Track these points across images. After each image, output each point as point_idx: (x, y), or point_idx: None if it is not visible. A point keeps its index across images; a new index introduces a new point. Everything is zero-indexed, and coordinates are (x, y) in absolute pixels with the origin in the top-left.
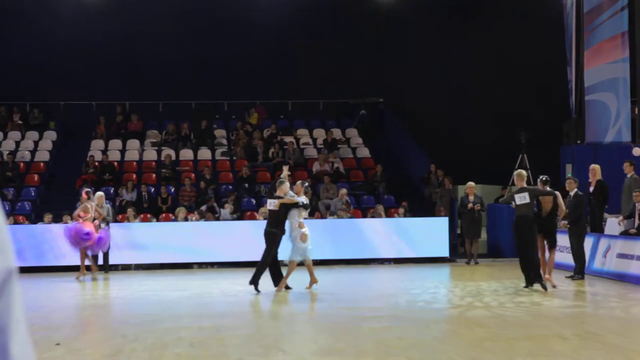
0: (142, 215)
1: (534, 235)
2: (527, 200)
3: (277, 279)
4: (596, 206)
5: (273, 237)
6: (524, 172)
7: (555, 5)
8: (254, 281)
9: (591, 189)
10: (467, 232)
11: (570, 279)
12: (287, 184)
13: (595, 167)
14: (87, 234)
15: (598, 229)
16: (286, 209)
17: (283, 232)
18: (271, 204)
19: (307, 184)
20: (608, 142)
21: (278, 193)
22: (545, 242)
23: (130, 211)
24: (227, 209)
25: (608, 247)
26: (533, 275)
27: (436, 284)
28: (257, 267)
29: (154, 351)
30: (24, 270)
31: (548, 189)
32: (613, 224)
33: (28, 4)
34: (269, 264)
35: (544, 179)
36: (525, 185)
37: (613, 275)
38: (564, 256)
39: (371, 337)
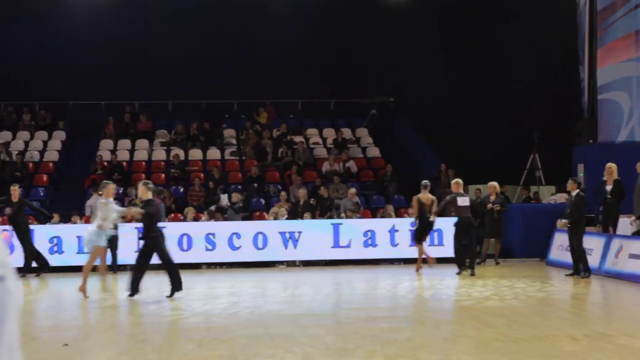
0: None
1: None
2: (468, 203)
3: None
4: (613, 205)
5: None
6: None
7: (568, 3)
8: (175, 289)
9: (608, 187)
10: (487, 231)
11: (580, 277)
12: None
13: (612, 166)
14: None
15: (615, 229)
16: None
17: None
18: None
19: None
20: (621, 141)
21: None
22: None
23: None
24: (229, 198)
25: (620, 247)
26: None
27: (446, 284)
28: (170, 275)
29: (162, 352)
30: (32, 270)
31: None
32: (625, 224)
33: (37, 4)
34: (165, 267)
35: (424, 183)
36: (462, 191)
37: (625, 276)
38: (566, 255)
39: (380, 337)
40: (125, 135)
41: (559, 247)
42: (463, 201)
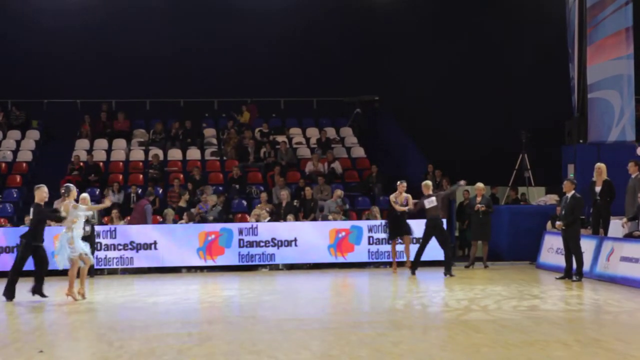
0: (128, 217)
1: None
2: (434, 204)
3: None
4: (603, 207)
5: None
6: (430, 182)
7: (557, 0)
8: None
9: (598, 189)
10: (474, 234)
11: (570, 280)
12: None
13: (602, 166)
14: None
15: (606, 231)
16: None
17: None
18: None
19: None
20: (611, 141)
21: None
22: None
23: (114, 212)
24: (207, 202)
25: (611, 250)
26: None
27: (434, 288)
28: None
29: (140, 359)
30: (5, 275)
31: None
32: (617, 226)
33: (9, 0)
34: None
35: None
36: (431, 192)
37: (616, 279)
38: (557, 257)
39: (366, 343)
40: (101, 134)
41: (549, 249)
42: (429, 203)
